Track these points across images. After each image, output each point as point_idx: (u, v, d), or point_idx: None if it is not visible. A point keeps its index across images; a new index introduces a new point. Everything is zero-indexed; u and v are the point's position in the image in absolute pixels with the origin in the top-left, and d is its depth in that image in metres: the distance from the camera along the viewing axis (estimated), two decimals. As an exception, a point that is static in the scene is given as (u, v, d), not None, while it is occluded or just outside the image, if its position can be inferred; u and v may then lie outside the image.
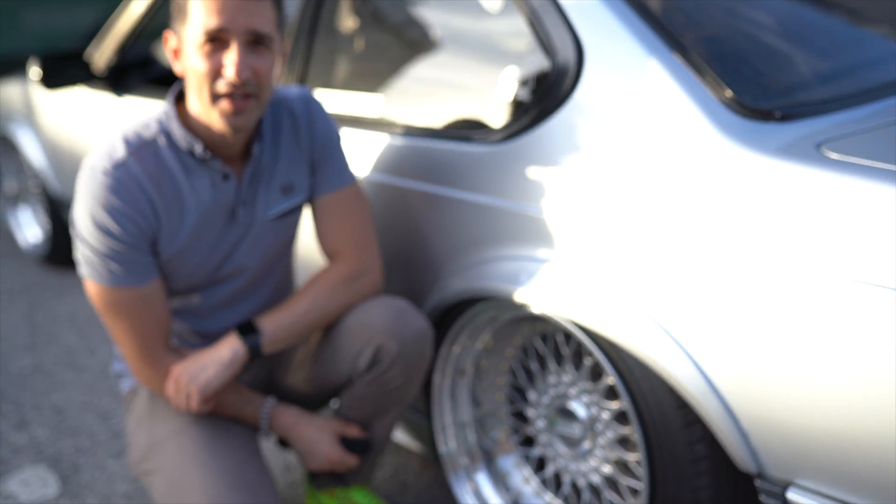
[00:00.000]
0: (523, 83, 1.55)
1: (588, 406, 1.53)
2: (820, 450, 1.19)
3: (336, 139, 1.60)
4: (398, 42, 2.05)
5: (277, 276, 1.68)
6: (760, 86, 1.39)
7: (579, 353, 1.54)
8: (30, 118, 3.24)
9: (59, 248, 3.41)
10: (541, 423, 1.63)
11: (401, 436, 1.91)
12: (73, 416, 2.35)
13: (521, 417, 1.70)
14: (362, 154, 1.74)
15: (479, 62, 1.79)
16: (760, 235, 1.18)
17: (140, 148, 1.44)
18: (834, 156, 1.18)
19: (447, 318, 1.63)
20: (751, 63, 1.44)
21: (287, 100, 1.57)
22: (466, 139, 1.57)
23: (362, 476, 1.75)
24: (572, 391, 1.56)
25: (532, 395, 1.63)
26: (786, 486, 1.23)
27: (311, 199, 1.60)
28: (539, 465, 1.69)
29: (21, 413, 2.38)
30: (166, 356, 1.51)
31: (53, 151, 3.10)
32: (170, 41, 1.44)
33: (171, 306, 1.57)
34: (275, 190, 1.55)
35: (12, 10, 7.90)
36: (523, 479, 1.69)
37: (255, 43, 1.38)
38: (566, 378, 1.56)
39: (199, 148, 1.44)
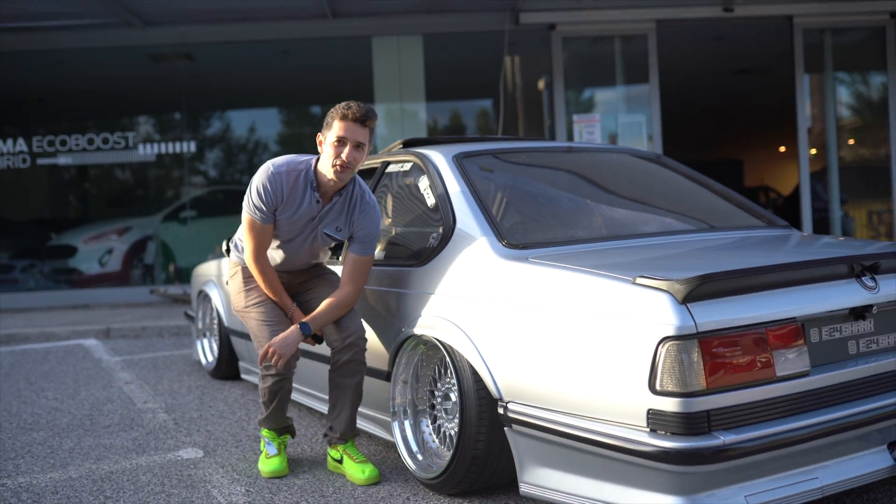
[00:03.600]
0: (433, 236, 3.28)
1: (455, 394, 3.11)
2: (520, 390, 2.73)
3: (373, 234, 3.31)
4: (384, 213, 3.80)
5: (315, 256, 3.48)
6: (520, 236, 3.07)
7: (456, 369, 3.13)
8: (218, 280, 5.24)
9: (222, 366, 5.28)
10: (438, 404, 3.20)
11: (379, 431, 3.49)
12: (218, 430, 4.07)
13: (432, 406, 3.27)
14: (370, 277, 3.50)
15: (418, 225, 3.51)
16: (502, 294, 2.82)
17: (291, 168, 3.25)
18: (531, 259, 2.83)
19: (400, 348, 3.28)
20: (520, 227, 3.14)
21: (365, 193, 3.34)
22: (407, 265, 3.31)
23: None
24: (451, 387, 3.14)
25: (436, 390, 3.22)
26: (508, 402, 2.77)
27: (347, 249, 3.35)
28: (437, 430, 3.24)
29: (189, 426, 4.13)
30: (262, 258, 3.30)
31: (227, 298, 5.04)
32: (319, 137, 3.24)
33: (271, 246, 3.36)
34: (332, 224, 3.31)
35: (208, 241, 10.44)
36: (429, 433, 3.24)
37: (356, 146, 3.17)
38: (448, 380, 3.15)
39: (313, 183, 3.23)
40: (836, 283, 2.60)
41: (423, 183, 3.48)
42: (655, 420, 2.32)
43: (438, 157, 3.47)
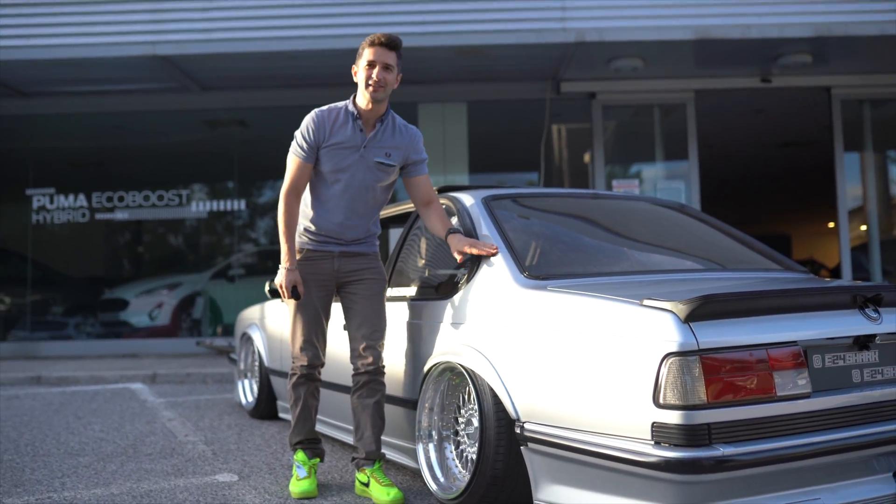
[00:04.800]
0: (461, 271, 3.47)
1: (477, 418, 3.26)
2: (536, 410, 2.87)
3: (423, 155, 3.61)
4: (417, 254, 4.01)
5: (369, 204, 3.59)
6: (541, 268, 3.25)
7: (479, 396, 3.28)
8: (261, 322, 5.47)
9: (261, 406, 5.47)
10: (462, 430, 3.34)
11: (406, 460, 3.63)
12: (253, 460, 4.24)
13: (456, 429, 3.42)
14: (401, 312, 3.69)
15: (447, 262, 3.70)
16: (522, 320, 2.99)
17: (332, 107, 3.52)
18: (550, 288, 3.00)
19: (426, 376, 3.45)
20: (542, 260, 3.32)
21: (405, 122, 3.62)
22: (438, 298, 3.49)
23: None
24: (473, 413, 3.28)
25: (460, 417, 3.37)
26: (525, 422, 2.91)
27: (407, 178, 3.60)
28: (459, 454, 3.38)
29: (226, 456, 4.31)
30: (293, 198, 3.52)
31: (268, 339, 5.26)
32: (354, 68, 3.51)
33: (319, 197, 3.55)
34: (382, 151, 3.53)
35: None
36: (452, 458, 3.38)
37: (385, 68, 3.44)
38: (471, 407, 3.30)
39: (354, 113, 3.48)
40: (838, 313, 2.72)
41: (454, 222, 3.69)
42: (659, 432, 2.45)
43: (468, 199, 3.69)
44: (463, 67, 9.28)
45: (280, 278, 3.51)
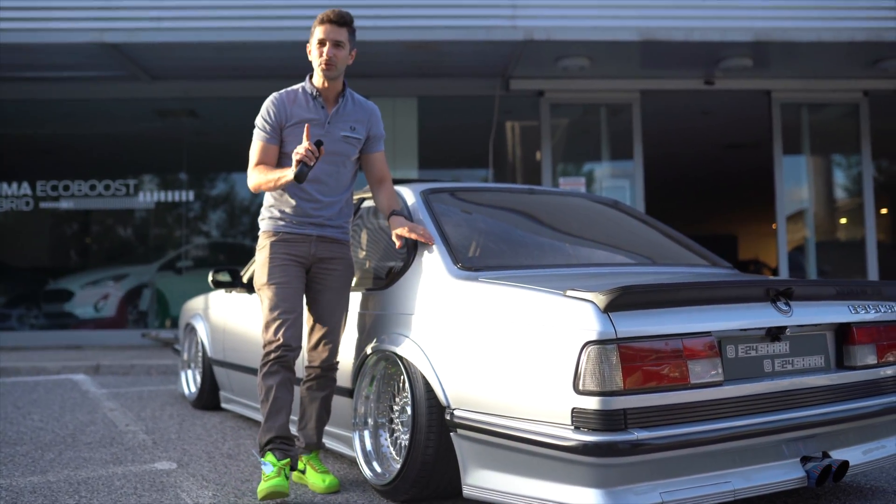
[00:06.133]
0: (398, 262, 3.56)
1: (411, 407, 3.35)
2: (466, 397, 2.97)
3: (382, 132, 3.66)
4: (358, 245, 4.10)
5: (339, 181, 3.55)
6: (474, 260, 3.35)
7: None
8: (204, 313, 5.50)
9: (203, 396, 5.49)
10: (396, 418, 3.43)
11: (343, 448, 3.71)
12: (193, 449, 4.28)
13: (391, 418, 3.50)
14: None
15: (387, 253, 3.79)
16: (454, 310, 3.08)
17: (289, 90, 3.53)
18: (481, 279, 3.10)
19: (363, 365, 3.53)
20: (476, 253, 3.42)
21: (365, 99, 3.65)
22: (376, 289, 3.57)
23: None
24: (408, 401, 3.37)
25: (395, 405, 3.45)
26: (455, 409, 3.01)
27: (365, 154, 3.61)
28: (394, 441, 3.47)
29: (166, 445, 4.34)
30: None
31: (212, 329, 5.29)
32: (308, 47, 3.53)
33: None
34: (346, 124, 3.56)
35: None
36: (387, 445, 3.46)
37: (336, 45, 3.46)
38: (405, 395, 3.39)
39: (313, 92, 3.52)
40: (751, 305, 2.86)
41: (391, 215, 3.77)
42: (578, 418, 2.57)
43: (407, 192, 3.77)
44: (413, 62, 9.35)
45: (297, 156, 3.25)
